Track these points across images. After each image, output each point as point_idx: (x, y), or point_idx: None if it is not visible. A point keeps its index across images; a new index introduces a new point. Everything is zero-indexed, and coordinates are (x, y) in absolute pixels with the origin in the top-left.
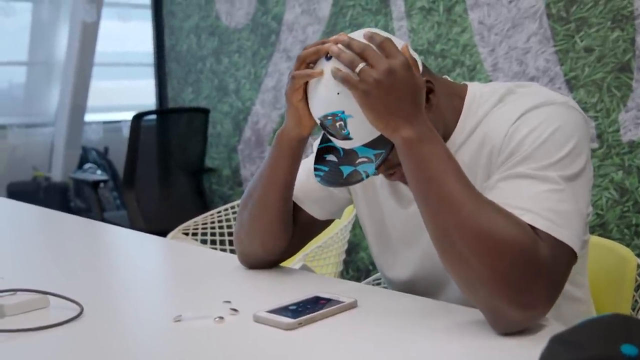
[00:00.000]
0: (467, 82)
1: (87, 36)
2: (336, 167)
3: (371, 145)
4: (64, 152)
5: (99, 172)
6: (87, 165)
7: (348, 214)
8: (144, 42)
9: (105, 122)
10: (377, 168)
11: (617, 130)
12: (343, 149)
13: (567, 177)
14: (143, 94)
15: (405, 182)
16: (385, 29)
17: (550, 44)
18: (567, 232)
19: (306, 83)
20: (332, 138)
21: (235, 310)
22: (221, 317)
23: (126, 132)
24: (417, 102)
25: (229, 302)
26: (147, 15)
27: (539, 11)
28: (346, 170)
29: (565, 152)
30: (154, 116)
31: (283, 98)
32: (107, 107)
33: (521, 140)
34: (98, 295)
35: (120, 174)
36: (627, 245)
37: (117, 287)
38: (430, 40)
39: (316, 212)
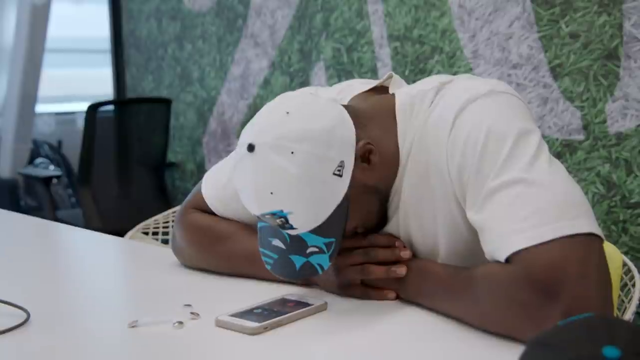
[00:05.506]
0: (394, 92)
1: (37, 20)
2: (285, 256)
3: (319, 232)
4: (12, 146)
5: (51, 167)
6: (38, 160)
7: None
8: (100, 27)
9: (58, 114)
10: (330, 259)
11: (604, 121)
12: (289, 234)
13: (527, 167)
14: (99, 82)
15: (369, 227)
16: (359, 13)
17: (534, 30)
18: (565, 222)
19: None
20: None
21: (196, 314)
22: (180, 322)
23: (81, 124)
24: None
25: (190, 305)
26: None
27: None
28: (298, 261)
29: (509, 147)
30: (111, 107)
31: (251, 87)
32: (60, 97)
33: (462, 153)
34: (46, 300)
35: (74, 169)
36: (615, 243)
37: (68, 291)
38: (407, 25)
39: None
